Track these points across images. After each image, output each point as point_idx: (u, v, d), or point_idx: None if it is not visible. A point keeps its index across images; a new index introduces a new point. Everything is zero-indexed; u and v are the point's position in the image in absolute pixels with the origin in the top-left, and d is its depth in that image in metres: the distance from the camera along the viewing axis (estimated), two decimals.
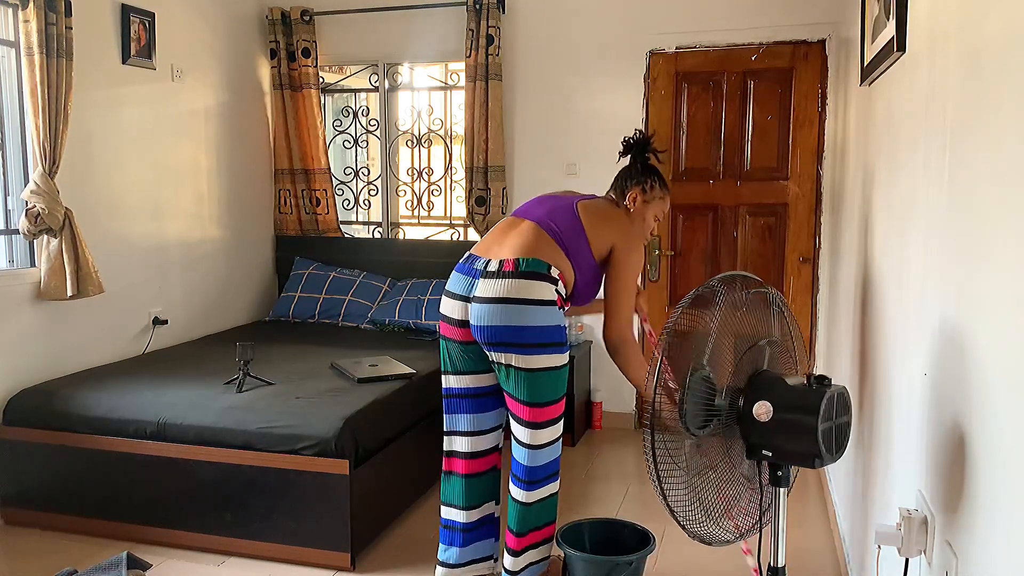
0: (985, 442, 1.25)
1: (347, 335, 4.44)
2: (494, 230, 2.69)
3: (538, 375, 2.52)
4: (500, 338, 2.48)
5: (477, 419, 2.68)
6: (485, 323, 2.49)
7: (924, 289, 1.73)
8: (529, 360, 2.50)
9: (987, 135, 1.29)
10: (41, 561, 3.03)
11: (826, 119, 4.28)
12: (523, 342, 2.48)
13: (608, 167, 4.58)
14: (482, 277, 2.52)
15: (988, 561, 1.21)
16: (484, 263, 2.55)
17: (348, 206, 5.23)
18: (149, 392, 3.31)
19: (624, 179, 2.79)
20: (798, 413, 1.69)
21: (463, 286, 2.56)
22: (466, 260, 2.62)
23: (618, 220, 2.70)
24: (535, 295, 2.48)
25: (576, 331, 4.63)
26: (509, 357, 2.50)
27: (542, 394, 2.54)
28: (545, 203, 2.70)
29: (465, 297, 2.54)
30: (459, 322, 2.57)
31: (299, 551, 3.00)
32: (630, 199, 2.74)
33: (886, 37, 2.20)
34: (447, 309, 2.61)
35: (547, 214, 2.63)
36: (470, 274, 2.56)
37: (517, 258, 2.51)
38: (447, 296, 2.62)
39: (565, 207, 2.66)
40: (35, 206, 3.39)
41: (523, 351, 2.49)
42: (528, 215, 2.65)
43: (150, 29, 4.08)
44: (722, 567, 2.96)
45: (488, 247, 2.61)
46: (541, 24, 4.65)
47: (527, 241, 2.55)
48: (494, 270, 2.51)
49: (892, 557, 1.80)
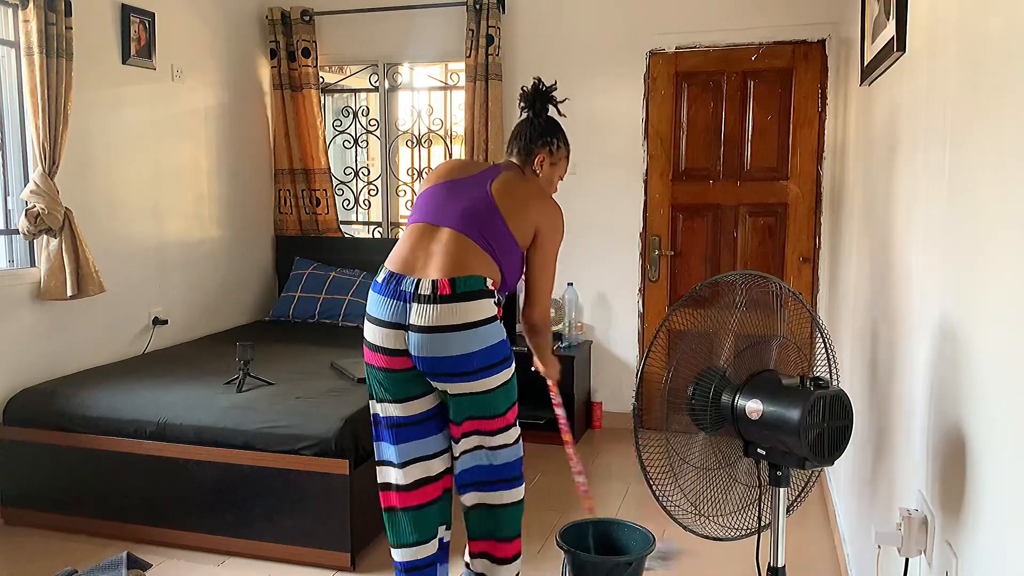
0: (985, 442, 1.25)
1: (347, 335, 4.43)
2: (409, 238, 2.37)
3: (491, 395, 2.34)
4: (447, 368, 2.26)
5: (423, 444, 2.43)
6: (428, 354, 2.25)
7: (924, 289, 1.73)
8: (479, 384, 2.30)
9: (987, 135, 1.29)
10: (41, 561, 3.03)
11: (826, 119, 4.28)
12: (472, 369, 2.27)
13: (608, 167, 4.60)
14: (415, 302, 2.24)
15: (988, 561, 1.21)
16: (413, 284, 2.26)
17: (348, 206, 5.23)
18: (149, 392, 3.31)
19: (527, 139, 2.52)
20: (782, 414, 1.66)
21: (392, 311, 2.27)
22: (388, 280, 2.30)
23: (534, 198, 2.43)
24: (478, 316, 2.26)
25: (576, 331, 4.63)
26: (457, 386, 2.30)
27: (497, 406, 2.37)
28: (454, 199, 2.38)
29: (399, 324, 2.26)
30: (393, 351, 2.29)
31: (299, 551, 3.00)
32: (537, 163, 2.51)
33: (886, 37, 2.20)
34: (376, 338, 2.31)
35: (466, 217, 2.34)
36: (398, 297, 2.27)
37: (452, 278, 2.25)
38: (374, 323, 2.31)
39: (480, 202, 2.36)
40: (35, 206, 3.39)
41: (473, 378, 2.29)
42: (445, 220, 2.34)
43: (150, 29, 4.08)
44: (722, 567, 2.96)
45: (409, 262, 2.31)
46: (541, 24, 4.65)
47: (456, 256, 2.29)
48: (428, 294, 2.24)
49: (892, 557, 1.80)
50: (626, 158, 4.57)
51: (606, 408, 4.76)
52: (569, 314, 4.61)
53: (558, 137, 2.56)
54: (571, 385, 4.34)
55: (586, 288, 4.69)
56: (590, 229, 4.64)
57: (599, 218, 4.62)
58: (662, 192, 4.55)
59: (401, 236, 2.42)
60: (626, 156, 4.56)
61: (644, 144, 4.54)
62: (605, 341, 4.74)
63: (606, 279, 4.67)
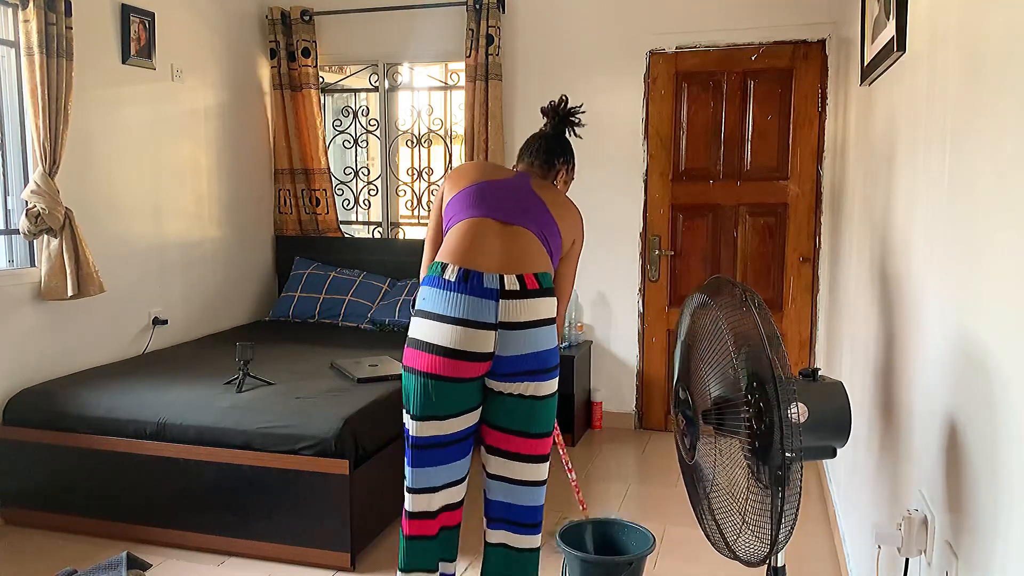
0: (985, 442, 1.25)
1: (347, 335, 4.44)
2: (470, 233, 2.25)
3: (549, 401, 2.29)
4: (529, 366, 2.18)
5: (459, 466, 2.30)
6: (519, 352, 2.16)
7: (924, 289, 1.73)
8: (545, 386, 2.26)
9: (987, 134, 1.29)
10: (41, 561, 3.03)
11: (826, 119, 4.28)
12: (552, 365, 2.25)
13: (608, 167, 4.60)
14: (503, 298, 2.15)
15: (988, 561, 1.21)
16: (497, 280, 2.16)
17: (348, 206, 5.23)
18: (149, 392, 3.31)
19: (550, 153, 2.45)
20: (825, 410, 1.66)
21: (477, 309, 2.13)
22: (466, 277, 2.17)
23: (574, 209, 2.41)
24: (553, 312, 2.26)
25: (576, 331, 4.63)
26: (527, 386, 2.22)
27: (549, 421, 2.32)
28: (507, 198, 2.32)
29: (486, 324, 2.13)
30: (470, 355, 2.15)
31: (299, 551, 3.00)
32: (559, 179, 2.47)
33: (886, 37, 2.20)
34: (450, 339, 2.14)
35: (529, 216, 2.30)
36: (483, 294, 2.14)
37: (535, 273, 2.21)
38: (451, 323, 2.15)
39: (535, 204, 2.33)
40: (35, 206, 3.39)
41: (548, 376, 2.25)
42: (509, 216, 2.28)
43: (150, 29, 4.08)
44: (721, 567, 2.96)
45: (483, 258, 2.20)
46: (541, 24, 4.65)
47: (531, 252, 2.25)
48: (517, 289, 2.16)
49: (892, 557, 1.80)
50: (626, 158, 4.57)
51: (606, 408, 4.76)
52: (569, 314, 4.62)
53: (574, 157, 2.54)
54: (571, 385, 4.34)
55: (586, 288, 4.69)
56: (590, 229, 4.57)
57: (599, 218, 4.62)
58: (662, 192, 4.55)
59: (456, 231, 2.28)
60: (626, 156, 4.57)
61: (644, 144, 4.54)
62: (605, 341, 4.74)
63: (606, 279, 4.68)
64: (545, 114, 2.51)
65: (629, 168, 4.57)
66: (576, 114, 2.50)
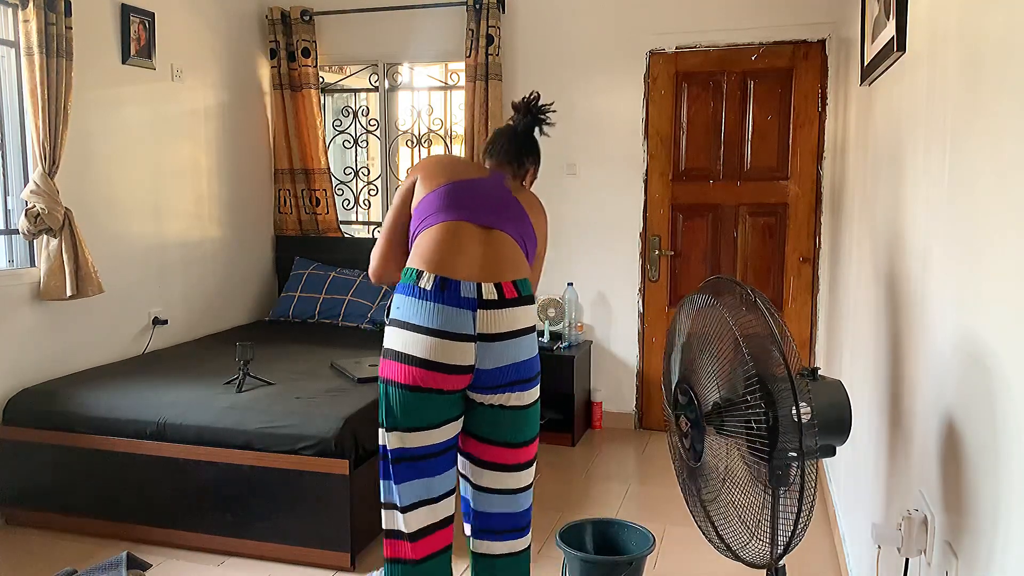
0: (985, 442, 1.25)
1: (347, 335, 4.43)
2: (445, 238, 2.14)
3: (532, 409, 2.23)
4: (511, 377, 2.13)
5: (447, 477, 2.21)
6: (500, 363, 2.10)
7: (924, 289, 1.73)
8: (528, 395, 2.20)
9: (987, 134, 1.29)
10: (41, 561, 3.03)
11: (826, 119, 4.28)
12: (530, 376, 2.19)
13: (608, 167, 4.60)
14: (480, 308, 2.07)
15: (988, 561, 1.21)
16: (474, 289, 2.08)
17: (348, 206, 5.23)
18: (149, 392, 3.31)
19: (521, 152, 2.36)
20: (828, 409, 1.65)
21: (455, 320, 2.05)
22: (442, 286, 2.07)
23: (542, 211, 2.37)
24: (533, 321, 2.20)
25: (576, 331, 4.63)
26: (510, 396, 2.16)
27: (534, 428, 2.26)
28: (481, 199, 2.22)
29: (465, 335, 2.06)
30: (450, 368, 2.07)
31: (299, 551, 3.00)
32: (529, 180, 2.41)
33: (886, 37, 2.20)
34: (430, 352, 2.05)
35: (506, 219, 2.22)
36: (460, 304, 2.06)
37: (514, 281, 2.14)
38: (431, 335, 2.06)
39: (513, 206, 2.26)
40: (35, 206, 3.39)
41: (528, 386, 2.19)
42: (485, 220, 2.19)
43: (150, 29, 4.08)
44: (721, 568, 2.96)
45: (459, 265, 2.11)
46: (541, 24, 4.65)
47: (510, 258, 2.18)
48: (495, 298, 2.09)
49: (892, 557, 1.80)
50: (626, 158, 4.57)
51: (606, 408, 4.76)
52: (569, 314, 4.61)
53: (539, 156, 2.44)
54: (571, 385, 4.34)
55: (586, 288, 4.69)
56: (590, 229, 4.65)
57: (599, 218, 4.62)
58: (662, 192, 4.55)
59: (431, 235, 2.16)
60: (626, 156, 4.57)
61: (644, 144, 4.54)
62: (605, 341, 4.74)
63: (606, 279, 4.68)
64: (517, 109, 2.38)
65: (629, 168, 4.57)
66: (546, 111, 2.38)
